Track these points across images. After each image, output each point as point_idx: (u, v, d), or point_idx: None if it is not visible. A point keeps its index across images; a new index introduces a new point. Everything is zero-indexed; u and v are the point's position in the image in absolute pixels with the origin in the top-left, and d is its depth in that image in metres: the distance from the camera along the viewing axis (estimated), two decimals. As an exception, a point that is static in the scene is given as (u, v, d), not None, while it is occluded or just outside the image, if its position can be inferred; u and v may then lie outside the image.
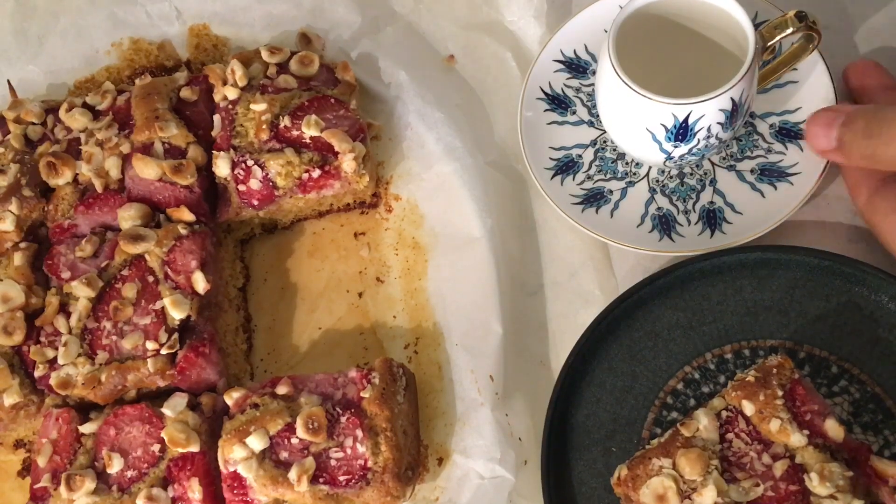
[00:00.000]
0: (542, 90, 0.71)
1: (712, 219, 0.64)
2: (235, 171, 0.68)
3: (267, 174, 0.67)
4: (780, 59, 0.65)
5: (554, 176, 0.67)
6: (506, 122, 0.74)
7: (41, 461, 0.62)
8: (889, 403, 0.60)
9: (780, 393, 0.56)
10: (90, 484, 0.59)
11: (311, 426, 0.58)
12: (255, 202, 0.69)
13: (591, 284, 0.68)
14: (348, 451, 0.59)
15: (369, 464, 0.58)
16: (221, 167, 0.68)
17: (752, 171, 0.66)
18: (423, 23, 0.78)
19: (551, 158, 0.68)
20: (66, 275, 0.66)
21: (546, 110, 0.70)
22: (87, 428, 0.62)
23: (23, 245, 0.68)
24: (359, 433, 0.59)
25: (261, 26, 0.78)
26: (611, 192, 0.67)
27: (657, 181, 0.67)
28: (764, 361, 0.59)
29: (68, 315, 0.65)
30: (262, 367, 0.71)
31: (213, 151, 0.69)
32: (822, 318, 0.63)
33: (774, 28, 0.60)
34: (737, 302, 0.64)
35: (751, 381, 0.57)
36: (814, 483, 0.53)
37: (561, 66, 0.71)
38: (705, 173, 0.67)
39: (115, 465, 0.60)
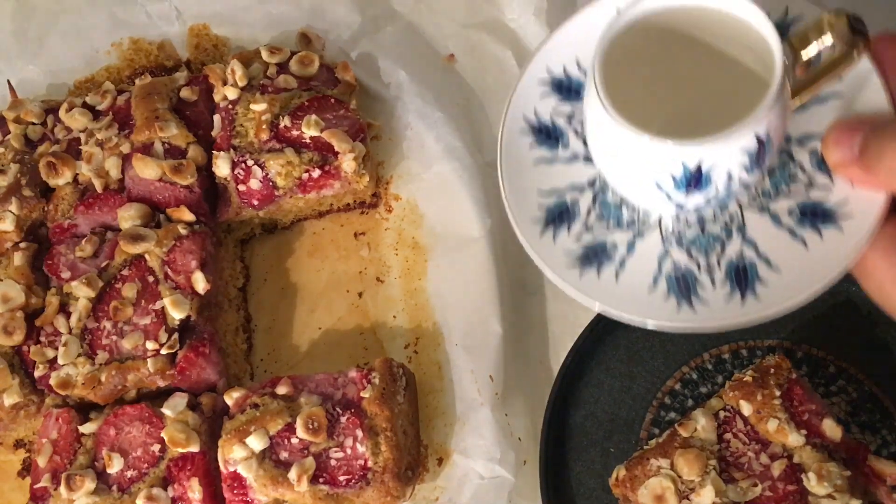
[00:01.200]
0: (527, 120, 0.57)
1: (742, 277, 0.51)
2: (235, 171, 0.68)
3: (267, 174, 0.67)
4: (817, 70, 0.52)
5: (545, 229, 0.54)
6: (505, 121, 0.74)
7: (41, 461, 0.62)
8: (886, 403, 0.60)
9: (777, 393, 0.56)
10: (90, 484, 0.60)
11: (311, 426, 0.59)
12: (255, 202, 0.69)
13: (591, 285, 0.68)
14: (348, 451, 0.59)
15: (369, 464, 0.58)
16: (221, 167, 0.68)
17: (789, 212, 0.52)
18: (423, 22, 0.78)
19: (540, 206, 0.55)
20: (66, 275, 0.66)
21: (532, 145, 0.57)
22: (87, 428, 0.62)
23: (23, 245, 0.68)
24: (359, 433, 0.59)
25: (261, 26, 0.78)
26: (615, 245, 0.54)
27: (672, 230, 0.54)
28: (761, 361, 0.59)
29: (68, 315, 0.65)
30: (262, 367, 0.71)
31: (213, 151, 0.69)
32: (820, 318, 0.63)
33: (807, 37, 0.46)
34: (735, 302, 0.65)
35: (748, 381, 0.57)
36: (812, 483, 0.53)
37: (548, 88, 0.58)
38: (731, 217, 0.53)
39: (115, 465, 0.60)
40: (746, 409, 0.56)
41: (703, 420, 0.56)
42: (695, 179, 0.47)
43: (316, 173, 0.67)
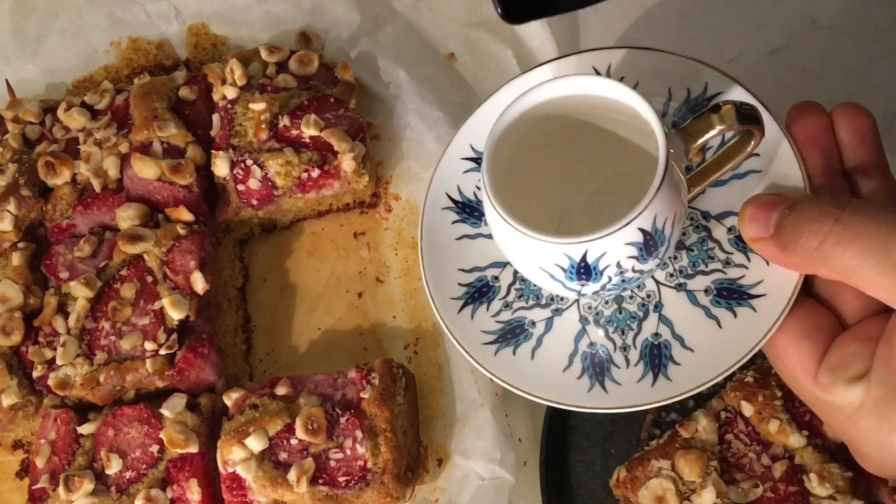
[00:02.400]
0: (450, 196, 0.57)
1: (656, 357, 0.50)
2: (234, 171, 0.68)
3: (266, 174, 0.67)
4: (718, 155, 0.51)
5: (463, 307, 0.54)
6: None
7: (39, 462, 0.62)
8: (888, 404, 0.60)
9: (779, 393, 0.56)
10: (89, 485, 0.59)
11: (310, 427, 0.58)
12: (255, 202, 0.69)
13: (591, 285, 0.68)
14: (348, 451, 0.58)
15: (369, 465, 0.58)
16: (220, 167, 0.68)
17: (706, 290, 0.51)
18: (423, 21, 0.77)
19: (460, 284, 0.54)
20: (64, 275, 0.66)
21: (455, 222, 0.56)
22: (85, 429, 0.62)
23: (21, 245, 0.68)
24: (358, 434, 0.59)
25: (260, 25, 0.78)
26: (533, 323, 0.53)
27: (590, 308, 0.53)
28: (763, 361, 0.59)
29: (67, 315, 0.64)
30: (262, 368, 0.71)
31: (212, 151, 0.68)
32: (822, 318, 0.63)
33: (697, 129, 0.47)
34: (736, 302, 0.64)
35: (750, 381, 0.57)
36: (813, 484, 0.53)
37: (472, 164, 0.57)
38: (648, 295, 0.52)
39: (113, 466, 0.60)
40: (748, 409, 0.56)
41: (704, 421, 0.56)
42: (583, 270, 0.46)
43: (315, 173, 0.67)
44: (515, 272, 0.54)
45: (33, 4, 0.80)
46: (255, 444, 0.58)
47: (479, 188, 0.56)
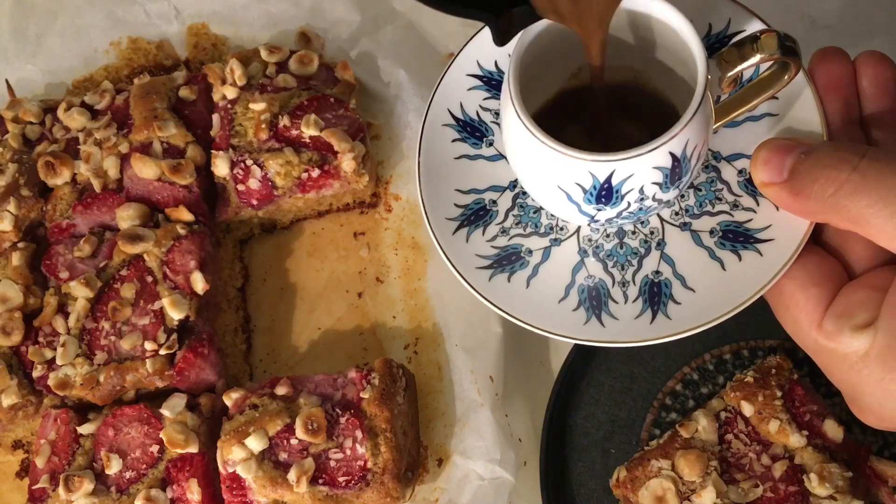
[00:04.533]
0: (452, 113, 0.55)
1: (655, 295, 0.50)
2: (234, 171, 0.68)
3: (266, 174, 0.67)
4: (746, 88, 0.50)
5: (458, 229, 0.53)
6: (505, 121, 0.74)
7: (39, 462, 0.62)
8: (888, 404, 0.60)
9: (779, 393, 0.56)
10: (89, 485, 0.59)
11: (310, 427, 0.58)
12: (255, 202, 0.69)
13: (591, 285, 0.68)
14: (348, 451, 0.58)
15: (369, 465, 0.58)
16: (220, 167, 0.68)
17: (711, 231, 0.50)
18: (423, 21, 0.77)
19: (457, 205, 0.53)
20: (64, 275, 0.66)
21: (455, 140, 0.55)
22: (85, 429, 0.62)
23: (21, 245, 0.68)
24: (358, 434, 0.59)
25: (260, 25, 0.78)
26: (530, 251, 0.52)
27: (590, 240, 0.52)
28: (763, 362, 0.59)
29: (67, 315, 0.64)
30: (262, 368, 0.71)
31: (212, 151, 0.68)
32: (822, 318, 0.63)
33: (735, 54, 0.45)
34: (736, 302, 0.64)
35: (750, 381, 0.57)
36: (813, 484, 0.53)
37: (478, 82, 0.56)
38: (651, 232, 0.52)
39: (113, 466, 0.60)
40: (748, 409, 0.56)
41: (704, 421, 0.56)
42: (605, 192, 0.45)
43: (315, 173, 0.67)
44: (515, 197, 0.53)
45: (33, 4, 0.80)
46: (255, 444, 0.58)
47: (483, 108, 0.55)
